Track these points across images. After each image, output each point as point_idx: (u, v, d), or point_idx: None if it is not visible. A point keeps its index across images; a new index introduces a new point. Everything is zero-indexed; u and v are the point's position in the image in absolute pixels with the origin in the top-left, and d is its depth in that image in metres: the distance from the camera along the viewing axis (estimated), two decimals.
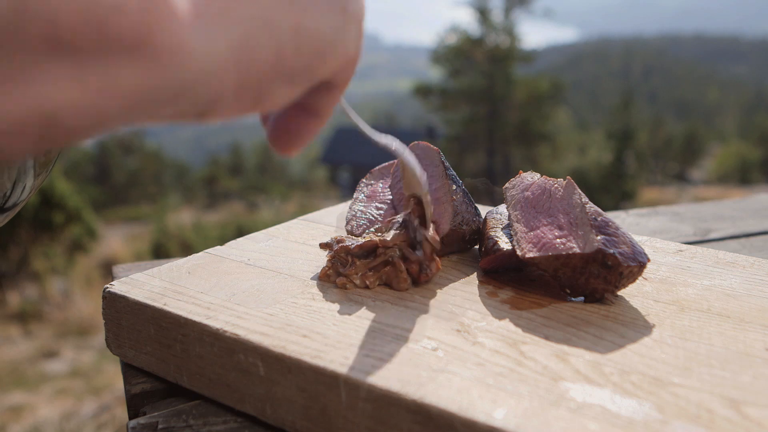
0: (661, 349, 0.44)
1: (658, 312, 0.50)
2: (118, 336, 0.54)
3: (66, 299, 5.58)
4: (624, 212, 1.02)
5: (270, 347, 0.44)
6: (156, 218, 10.02)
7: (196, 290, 0.53)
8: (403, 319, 0.48)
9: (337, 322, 0.48)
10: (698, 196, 16.98)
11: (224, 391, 0.48)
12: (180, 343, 0.49)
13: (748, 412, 0.37)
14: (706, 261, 0.61)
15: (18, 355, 4.34)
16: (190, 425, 0.46)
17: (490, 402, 0.38)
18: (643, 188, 18.53)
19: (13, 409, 3.48)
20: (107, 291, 0.54)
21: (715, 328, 0.47)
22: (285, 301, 0.51)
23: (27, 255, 6.50)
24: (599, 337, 0.46)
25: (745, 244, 0.86)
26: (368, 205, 0.66)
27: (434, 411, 0.38)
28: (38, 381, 3.88)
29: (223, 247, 0.65)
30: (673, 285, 0.55)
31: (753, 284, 0.56)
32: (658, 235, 0.89)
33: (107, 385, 3.74)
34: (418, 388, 0.39)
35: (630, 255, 0.49)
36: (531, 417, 0.36)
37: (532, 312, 0.50)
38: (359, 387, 0.40)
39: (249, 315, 0.49)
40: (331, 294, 0.53)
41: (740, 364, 0.42)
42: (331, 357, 0.43)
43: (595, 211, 0.52)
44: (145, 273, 0.57)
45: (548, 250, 0.50)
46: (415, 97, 19.22)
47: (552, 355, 0.43)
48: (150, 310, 0.51)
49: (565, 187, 0.55)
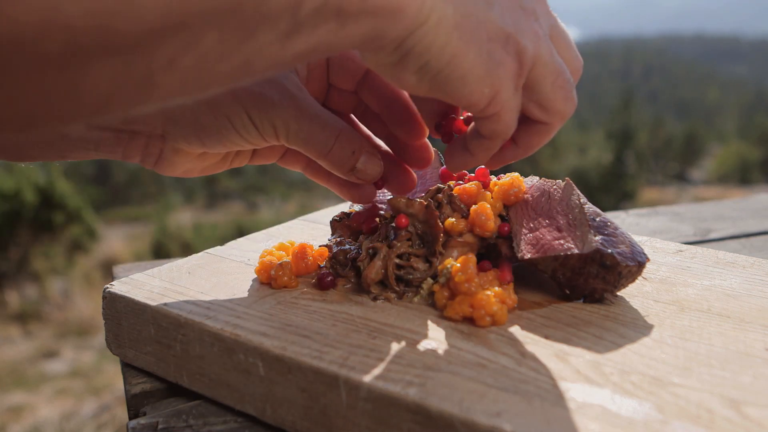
0: (661, 349, 0.44)
1: (658, 312, 0.50)
2: (118, 336, 0.54)
3: (66, 299, 5.58)
4: (624, 212, 1.02)
5: (270, 347, 0.44)
6: (156, 218, 10.03)
7: (196, 290, 0.53)
8: (403, 319, 0.48)
9: (337, 322, 0.48)
10: (698, 196, 16.99)
11: (224, 391, 0.48)
12: (180, 343, 0.49)
13: (748, 412, 0.37)
14: (706, 261, 0.61)
15: (18, 355, 4.34)
16: (190, 425, 0.46)
17: (490, 402, 0.38)
18: (643, 188, 18.53)
19: (13, 409, 3.48)
20: (107, 291, 0.54)
21: (715, 328, 0.47)
22: (285, 301, 0.51)
23: (27, 255, 6.50)
24: (599, 337, 0.46)
25: (745, 244, 0.86)
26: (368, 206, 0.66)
27: (434, 411, 0.38)
28: (38, 381, 3.88)
29: (223, 247, 0.65)
30: (673, 285, 0.56)
31: (753, 284, 0.56)
32: (658, 235, 0.89)
33: (107, 385, 3.75)
34: (418, 388, 0.39)
35: (629, 255, 0.49)
36: (531, 417, 0.36)
37: (532, 312, 0.50)
38: (359, 387, 0.40)
39: (249, 315, 0.49)
40: (331, 294, 0.53)
41: (740, 364, 0.42)
42: (331, 357, 0.43)
43: (593, 212, 0.52)
44: (145, 273, 0.57)
45: (546, 251, 0.50)
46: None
47: (552, 355, 0.43)
48: (150, 310, 0.51)
49: (563, 189, 0.55)
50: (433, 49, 0.36)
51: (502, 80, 0.40)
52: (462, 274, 0.49)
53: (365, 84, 0.53)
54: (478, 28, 0.37)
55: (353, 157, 0.51)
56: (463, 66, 0.38)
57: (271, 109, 0.48)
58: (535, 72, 0.41)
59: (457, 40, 0.37)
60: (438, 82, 0.39)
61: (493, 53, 0.38)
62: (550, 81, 0.42)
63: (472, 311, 0.47)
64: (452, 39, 0.36)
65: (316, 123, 0.49)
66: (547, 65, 0.41)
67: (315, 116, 0.49)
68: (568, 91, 0.43)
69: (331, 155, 0.50)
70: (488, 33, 0.38)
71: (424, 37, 0.36)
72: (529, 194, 0.56)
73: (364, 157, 0.51)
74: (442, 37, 0.36)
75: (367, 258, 0.53)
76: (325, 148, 0.50)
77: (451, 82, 0.39)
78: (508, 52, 0.39)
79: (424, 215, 0.53)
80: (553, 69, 0.42)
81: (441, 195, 0.57)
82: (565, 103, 0.43)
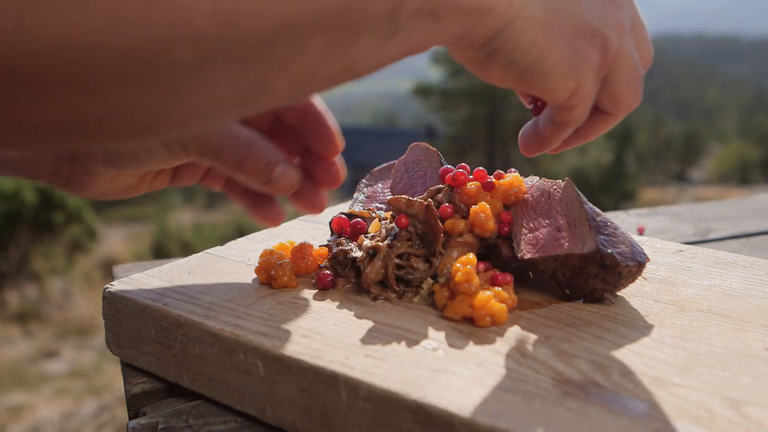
0: (661, 349, 0.44)
1: (658, 312, 0.50)
2: (118, 336, 0.54)
3: (66, 299, 5.58)
4: (624, 212, 1.02)
5: (270, 347, 0.44)
6: (156, 218, 10.02)
7: (196, 290, 0.53)
8: (403, 319, 0.48)
9: (337, 322, 0.48)
10: (698, 196, 16.99)
11: (224, 391, 0.48)
12: (180, 343, 0.49)
13: (748, 412, 0.37)
14: (706, 261, 0.61)
15: (18, 355, 4.34)
16: (190, 425, 0.46)
17: (490, 402, 0.38)
18: (643, 188, 18.53)
19: (13, 409, 3.48)
20: (107, 291, 0.54)
21: (715, 328, 0.47)
22: (285, 301, 0.51)
23: (27, 255, 6.50)
24: (599, 337, 0.46)
25: (745, 244, 0.86)
26: (368, 206, 0.66)
27: (434, 411, 0.38)
28: (38, 381, 3.88)
29: (223, 247, 0.65)
30: (673, 285, 0.56)
31: (753, 284, 0.56)
32: (658, 235, 0.89)
33: (107, 385, 3.75)
34: (418, 388, 0.39)
35: (629, 255, 0.50)
36: (531, 417, 0.36)
37: (532, 312, 0.50)
38: (359, 387, 0.40)
39: (249, 315, 0.49)
40: (331, 294, 0.53)
41: (740, 364, 0.42)
42: (331, 357, 0.43)
43: (593, 212, 0.52)
44: (145, 273, 0.57)
45: (546, 251, 0.51)
46: (415, 97, 19.21)
47: (552, 355, 0.43)
48: (150, 310, 0.51)
49: (563, 188, 0.55)
50: (521, 46, 0.37)
51: (586, 74, 0.41)
52: (462, 274, 0.49)
53: None
54: (565, 25, 0.38)
55: (268, 168, 0.48)
56: (548, 62, 0.39)
57: None
58: (615, 65, 0.42)
59: (544, 37, 0.38)
60: (524, 77, 0.40)
61: (578, 48, 0.39)
62: (626, 75, 0.43)
63: (472, 311, 0.47)
64: (539, 37, 0.37)
65: (226, 135, 0.47)
66: (627, 59, 0.42)
67: (224, 128, 0.48)
68: (639, 86, 0.44)
69: (246, 166, 0.48)
70: (575, 28, 0.39)
71: (512, 35, 0.37)
72: (529, 194, 0.56)
73: (281, 166, 0.49)
74: (530, 35, 0.37)
75: (367, 258, 0.53)
76: (238, 160, 0.48)
77: (536, 77, 0.40)
78: (593, 46, 0.40)
79: (424, 215, 0.53)
80: (631, 63, 0.43)
81: (441, 195, 0.57)
82: (634, 97, 0.44)
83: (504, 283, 0.50)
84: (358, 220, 0.58)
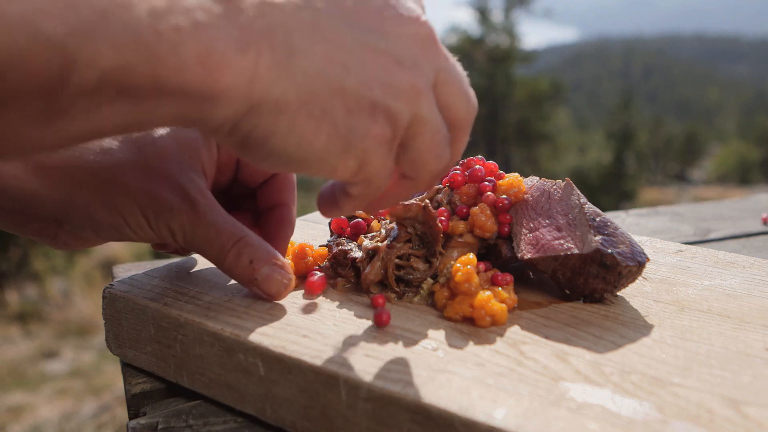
0: (661, 349, 0.44)
1: (658, 312, 0.50)
2: (118, 336, 0.54)
3: (66, 299, 5.58)
4: (624, 212, 1.02)
5: (270, 347, 0.44)
6: None
7: (196, 290, 0.53)
8: (403, 319, 0.48)
9: (337, 322, 0.48)
10: (698, 196, 17.00)
11: (224, 391, 0.48)
12: (180, 343, 0.49)
13: (748, 412, 0.37)
14: (706, 261, 0.61)
15: (18, 355, 4.34)
16: (190, 425, 0.46)
17: (490, 402, 0.38)
18: (643, 188, 18.55)
19: (13, 409, 3.48)
20: (107, 291, 0.54)
21: (715, 328, 0.47)
22: (285, 301, 0.51)
23: (27, 255, 6.49)
24: (599, 337, 0.46)
25: (745, 244, 0.86)
26: None
27: (434, 411, 0.38)
28: (38, 381, 3.88)
29: None
30: (673, 285, 0.56)
31: (753, 284, 0.56)
32: (658, 235, 0.89)
33: (107, 385, 3.74)
34: (418, 388, 0.39)
35: (629, 255, 0.50)
36: (531, 417, 0.36)
37: (532, 312, 0.50)
38: (359, 387, 0.40)
39: (249, 315, 0.49)
40: (331, 294, 0.53)
41: (740, 364, 0.42)
42: (331, 357, 0.43)
43: (593, 212, 0.52)
44: (145, 273, 0.57)
45: (546, 251, 0.51)
46: None
47: (552, 355, 0.43)
48: (150, 310, 0.51)
49: (563, 189, 0.55)
50: (278, 132, 0.34)
51: (369, 151, 0.36)
52: (462, 274, 0.49)
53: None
54: (331, 104, 0.34)
55: (251, 267, 0.48)
56: (317, 146, 0.35)
57: (167, 213, 0.47)
58: (411, 131, 0.38)
59: (305, 121, 0.34)
60: (293, 164, 0.36)
61: (354, 126, 0.35)
62: (426, 139, 0.38)
63: (472, 311, 0.47)
64: (298, 121, 0.33)
65: (212, 229, 0.48)
66: (426, 123, 0.38)
67: (211, 223, 0.48)
68: (441, 150, 0.40)
69: (227, 263, 0.48)
70: (346, 105, 0.35)
71: (260, 122, 0.33)
72: (529, 194, 0.56)
73: (267, 268, 0.48)
74: (285, 121, 0.33)
75: (366, 259, 0.53)
76: (220, 255, 0.48)
77: (309, 163, 0.36)
78: (375, 121, 0.36)
79: (423, 216, 0.53)
80: (431, 127, 0.38)
81: (441, 195, 0.57)
82: (436, 162, 0.40)
83: (504, 283, 0.50)
84: (358, 221, 0.58)
